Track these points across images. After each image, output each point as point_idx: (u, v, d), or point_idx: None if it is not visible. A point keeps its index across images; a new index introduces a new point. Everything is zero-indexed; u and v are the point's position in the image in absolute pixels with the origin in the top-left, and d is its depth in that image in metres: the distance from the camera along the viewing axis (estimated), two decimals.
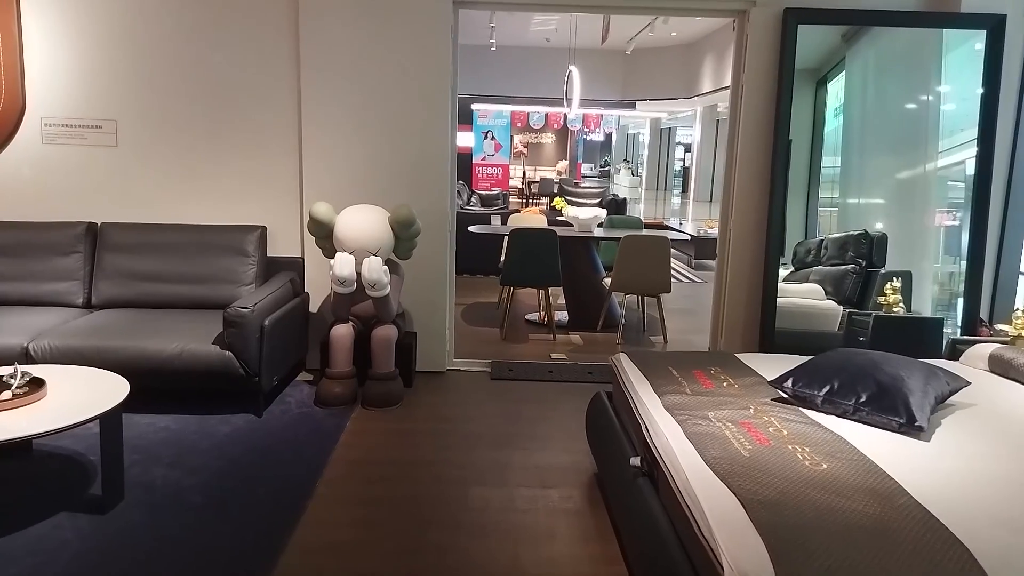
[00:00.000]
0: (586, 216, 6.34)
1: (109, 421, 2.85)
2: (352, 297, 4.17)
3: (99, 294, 4.41)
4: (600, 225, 6.63)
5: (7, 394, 2.79)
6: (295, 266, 4.61)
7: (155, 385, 3.85)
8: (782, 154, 4.48)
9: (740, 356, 3.21)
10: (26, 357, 3.71)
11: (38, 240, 4.40)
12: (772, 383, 2.67)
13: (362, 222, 4.10)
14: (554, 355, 5.23)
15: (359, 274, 4.04)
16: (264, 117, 4.53)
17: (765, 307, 4.57)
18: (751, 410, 2.50)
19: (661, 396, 2.62)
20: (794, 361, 3.07)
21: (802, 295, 4.94)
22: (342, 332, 4.15)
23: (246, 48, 4.46)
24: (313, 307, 4.64)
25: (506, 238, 5.72)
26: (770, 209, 4.52)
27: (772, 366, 3.00)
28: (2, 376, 2.88)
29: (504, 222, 7.26)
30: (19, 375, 2.88)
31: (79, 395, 2.94)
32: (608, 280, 5.88)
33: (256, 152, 4.57)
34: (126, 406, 2.91)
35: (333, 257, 4.11)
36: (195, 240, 4.46)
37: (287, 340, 4.22)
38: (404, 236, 4.17)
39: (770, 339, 4.53)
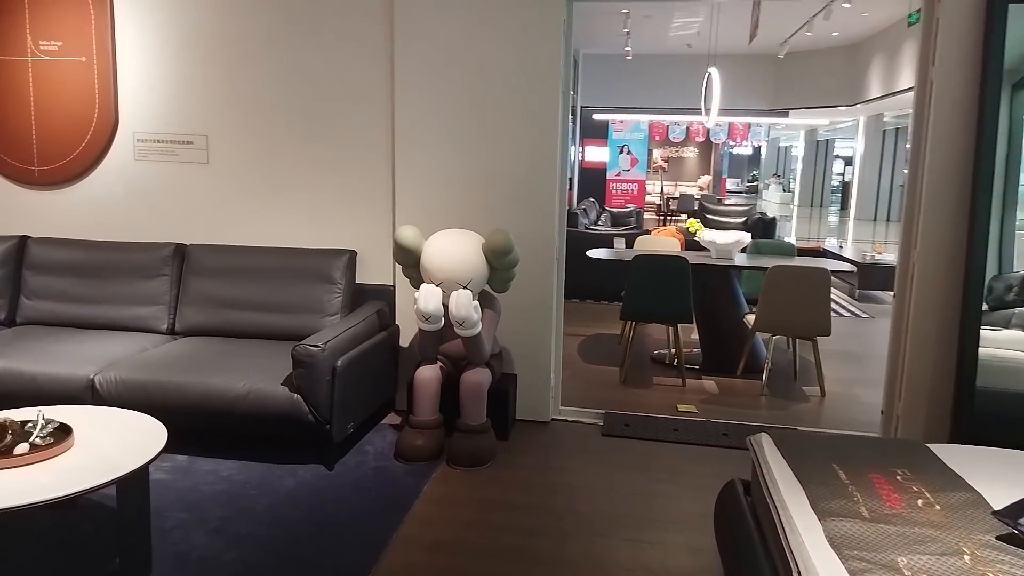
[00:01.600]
0: (725, 241, 5.44)
1: (128, 485, 2.42)
2: (441, 334, 3.61)
3: (183, 321, 4.12)
4: (743, 251, 5.72)
5: (23, 447, 2.42)
6: (385, 295, 4.11)
7: (223, 428, 3.48)
8: (986, 168, 3.46)
9: (936, 449, 2.30)
10: (91, 390, 3.45)
11: (125, 261, 4.17)
12: (1000, 515, 1.77)
13: (452, 250, 3.53)
14: (681, 407, 4.42)
15: (447, 308, 3.48)
16: (356, 128, 4.07)
17: (962, 362, 3.54)
18: (966, 557, 1.64)
19: (823, 520, 1.81)
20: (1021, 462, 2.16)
21: (1005, 345, 3.87)
22: (428, 375, 3.59)
23: (338, 55, 4.04)
24: (404, 340, 4.13)
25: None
26: (970, 237, 3.50)
27: (988, 470, 2.10)
28: (27, 423, 2.53)
29: (630, 245, 6.45)
30: (42, 422, 2.52)
31: (106, 449, 2.53)
32: (751, 317, 4.97)
33: (348, 168, 4.13)
34: (192, 449, 2.64)
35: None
36: (281, 264, 4.08)
37: (367, 382, 3.72)
38: (499, 266, 3.56)
39: (968, 405, 3.50)
